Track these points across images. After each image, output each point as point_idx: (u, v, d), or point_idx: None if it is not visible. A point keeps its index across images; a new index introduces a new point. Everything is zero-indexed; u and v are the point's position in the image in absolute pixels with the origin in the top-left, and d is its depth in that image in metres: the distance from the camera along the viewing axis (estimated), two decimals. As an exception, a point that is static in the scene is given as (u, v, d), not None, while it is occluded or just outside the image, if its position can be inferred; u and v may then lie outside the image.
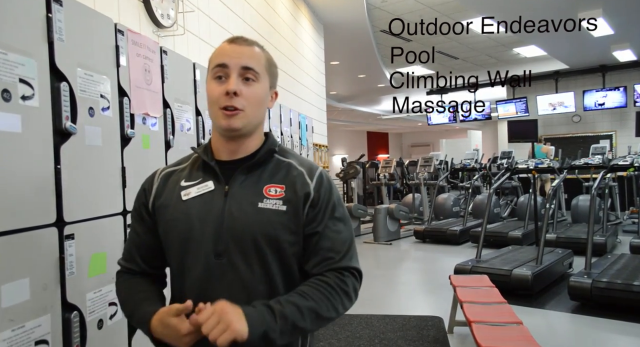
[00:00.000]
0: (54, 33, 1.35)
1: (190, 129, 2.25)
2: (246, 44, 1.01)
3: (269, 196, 0.99)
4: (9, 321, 1.17)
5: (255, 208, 0.98)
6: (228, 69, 0.97)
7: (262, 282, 0.97)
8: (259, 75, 1.00)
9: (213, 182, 1.01)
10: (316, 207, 1.01)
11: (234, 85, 0.96)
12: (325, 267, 0.99)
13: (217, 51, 1.02)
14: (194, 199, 1.00)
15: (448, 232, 6.98)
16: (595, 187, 4.53)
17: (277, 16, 5.18)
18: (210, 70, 1.01)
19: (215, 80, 0.99)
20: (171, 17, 2.78)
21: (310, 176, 1.03)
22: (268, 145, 1.05)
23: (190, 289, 0.99)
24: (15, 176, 1.21)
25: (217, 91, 0.97)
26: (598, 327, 3.50)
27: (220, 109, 0.97)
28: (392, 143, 23.68)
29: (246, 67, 0.98)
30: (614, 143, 10.62)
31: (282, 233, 0.98)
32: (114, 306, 1.59)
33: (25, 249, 1.23)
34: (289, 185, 1.01)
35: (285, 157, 1.07)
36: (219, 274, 0.97)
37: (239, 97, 0.96)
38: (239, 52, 0.99)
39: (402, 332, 3.31)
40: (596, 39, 7.53)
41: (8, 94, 1.19)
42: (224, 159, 1.04)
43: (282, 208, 0.98)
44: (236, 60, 0.98)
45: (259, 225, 0.97)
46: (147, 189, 1.08)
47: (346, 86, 12.30)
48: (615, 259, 4.51)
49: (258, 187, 1.00)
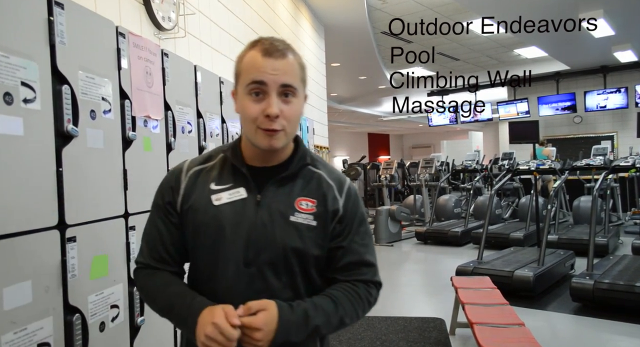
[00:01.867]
0: (56, 36, 1.36)
1: (191, 132, 2.25)
2: (281, 55, 0.95)
3: (301, 210, 1.00)
4: (11, 323, 1.17)
5: (286, 221, 0.99)
6: (266, 87, 0.94)
7: (288, 291, 0.99)
8: (297, 90, 0.97)
9: (245, 189, 1.00)
10: (343, 223, 1.03)
11: (276, 108, 0.93)
12: (351, 278, 1.03)
13: (249, 62, 0.96)
14: (225, 205, 0.99)
15: (449, 233, 6.97)
16: (597, 188, 4.53)
17: (277, 18, 5.18)
18: (245, 85, 0.95)
19: (250, 97, 0.95)
20: (172, 19, 2.78)
21: (340, 190, 1.05)
22: (300, 155, 1.05)
23: (219, 295, 0.98)
24: (17, 179, 1.21)
25: (254, 110, 0.94)
26: (600, 328, 3.49)
27: (259, 129, 0.95)
28: (393, 144, 23.68)
29: (285, 84, 0.94)
30: (615, 144, 10.61)
31: (311, 247, 1.00)
32: (116, 308, 1.59)
33: (27, 251, 1.24)
34: (320, 199, 1.02)
35: (316, 167, 1.06)
36: (248, 282, 0.98)
37: (280, 118, 0.94)
38: (277, 68, 0.94)
39: (403, 333, 3.31)
40: (597, 39, 7.53)
41: (10, 97, 1.19)
42: (255, 164, 1.03)
43: (312, 223, 1.00)
44: (274, 77, 0.93)
45: (289, 238, 0.98)
46: (174, 188, 1.04)
47: (347, 88, 12.31)
48: (617, 260, 4.50)
49: (290, 199, 1.00)
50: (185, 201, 1.02)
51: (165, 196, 1.05)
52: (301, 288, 1.01)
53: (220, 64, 3.53)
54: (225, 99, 2.68)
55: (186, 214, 1.02)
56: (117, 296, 1.60)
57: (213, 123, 2.51)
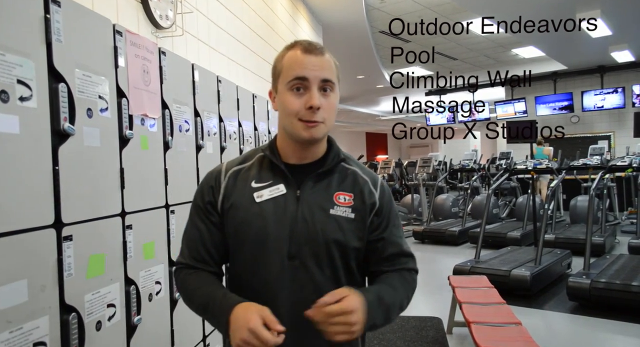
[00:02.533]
0: (52, 34, 1.35)
1: (189, 130, 2.25)
2: (320, 53, 1.02)
3: (339, 203, 1.05)
4: (7, 322, 1.16)
5: (326, 214, 1.04)
6: (308, 83, 1.00)
7: (331, 283, 1.03)
8: (334, 85, 1.04)
9: (284, 185, 1.05)
10: (380, 216, 1.09)
11: (318, 101, 0.99)
12: (396, 267, 1.10)
13: (291, 59, 1.02)
14: (267, 201, 1.04)
15: (447, 232, 6.98)
16: (594, 187, 4.54)
17: (275, 17, 5.18)
18: (287, 82, 1.01)
19: (292, 92, 1.01)
20: (170, 18, 2.78)
21: (374, 185, 1.11)
22: (334, 152, 1.10)
23: (264, 289, 1.02)
24: (13, 177, 1.21)
25: (296, 104, 1.00)
26: (597, 327, 3.51)
27: (300, 121, 1.00)
28: (391, 144, 23.70)
29: (325, 79, 1.01)
30: (612, 144, 10.64)
31: (351, 239, 1.05)
32: (112, 307, 1.58)
33: (24, 250, 1.23)
34: (357, 193, 1.07)
35: (349, 165, 1.12)
36: (292, 275, 1.02)
37: (320, 110, 1.00)
38: (317, 64, 1.01)
39: (401, 332, 3.31)
40: (594, 39, 7.55)
41: (6, 95, 1.18)
42: (292, 162, 1.08)
43: (350, 216, 1.05)
44: (315, 73, 1.00)
45: (331, 230, 1.03)
46: (214, 187, 1.09)
47: (345, 87, 12.30)
48: (614, 260, 4.52)
49: (328, 193, 1.06)
50: (227, 199, 1.06)
51: (205, 196, 1.09)
52: (343, 281, 1.05)
53: (218, 62, 3.53)
54: (223, 98, 2.67)
55: (227, 212, 1.06)
56: (114, 295, 1.60)
57: (210, 122, 2.50)
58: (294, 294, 1.00)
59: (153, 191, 1.92)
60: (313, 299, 0.96)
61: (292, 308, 1.00)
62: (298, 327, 0.97)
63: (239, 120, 2.93)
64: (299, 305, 0.97)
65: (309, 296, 0.98)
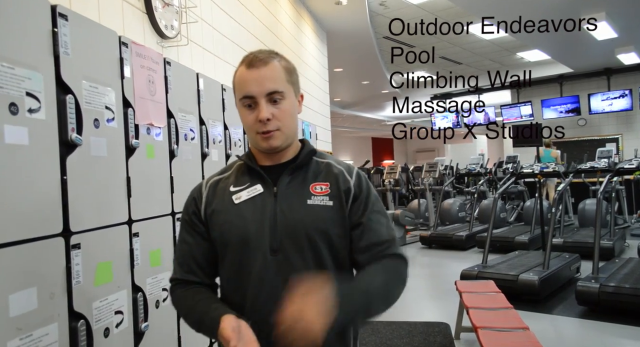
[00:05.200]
0: (60, 47, 1.38)
1: (194, 139, 2.27)
2: (263, 64, 1.03)
3: (316, 193, 1.07)
4: (17, 329, 1.18)
5: (304, 205, 1.05)
6: (255, 98, 1.03)
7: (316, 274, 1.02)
8: (284, 92, 1.05)
9: (261, 185, 1.09)
10: (357, 200, 1.09)
11: (265, 113, 1.02)
12: (374, 257, 1.07)
13: (238, 78, 1.06)
14: (245, 202, 1.07)
15: (454, 237, 6.95)
16: (602, 190, 4.51)
17: (280, 25, 5.22)
18: (238, 100, 1.06)
19: (245, 108, 1.05)
20: (175, 27, 2.82)
21: (350, 173, 1.12)
22: (306, 149, 1.13)
23: (249, 286, 1.04)
24: (22, 187, 1.24)
25: (250, 119, 1.04)
26: (606, 332, 3.47)
27: (257, 134, 1.04)
28: (397, 149, 23.66)
29: (270, 92, 1.03)
30: (620, 146, 10.56)
31: (332, 227, 1.06)
32: (120, 314, 1.60)
33: (33, 258, 1.25)
34: (332, 182, 1.09)
35: (323, 158, 1.15)
36: (276, 269, 1.03)
37: (272, 120, 1.03)
38: (260, 77, 1.02)
39: (408, 338, 3.30)
40: (600, 42, 7.52)
41: (15, 108, 1.21)
42: (267, 164, 1.11)
43: (329, 203, 1.06)
44: (259, 88, 1.02)
45: (310, 220, 1.04)
46: (197, 198, 1.13)
47: (350, 93, 12.34)
48: (623, 263, 4.47)
49: (304, 186, 1.08)
50: (208, 206, 1.10)
51: (189, 208, 1.13)
52: (330, 271, 1.05)
53: (223, 71, 3.56)
54: (228, 106, 2.70)
55: (210, 218, 1.09)
56: (121, 302, 1.62)
57: (215, 130, 2.53)
58: (278, 287, 1.00)
59: (159, 199, 1.94)
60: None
61: (277, 301, 0.98)
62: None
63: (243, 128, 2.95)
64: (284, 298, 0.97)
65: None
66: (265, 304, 1.02)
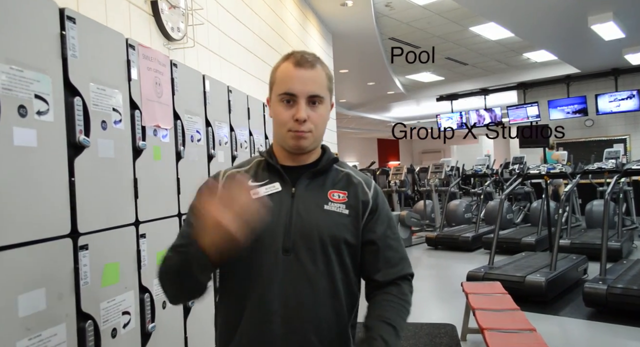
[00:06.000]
0: (68, 50, 1.39)
1: (200, 140, 2.29)
2: (311, 66, 1.06)
3: (334, 200, 1.09)
4: (26, 329, 1.19)
5: (321, 209, 1.07)
6: (296, 97, 1.05)
7: (324, 277, 1.05)
8: (323, 98, 1.08)
9: (280, 183, 1.09)
10: (374, 214, 1.11)
11: (304, 113, 1.04)
12: (391, 275, 1.11)
13: (282, 73, 1.07)
14: (262, 198, 1.07)
15: (460, 238, 6.93)
16: (609, 191, 4.48)
17: (285, 26, 5.23)
18: (277, 94, 1.07)
19: (282, 103, 1.06)
20: (181, 30, 2.83)
21: (368, 186, 1.14)
22: (328, 155, 1.16)
23: (257, 281, 1.04)
24: (31, 189, 1.25)
25: (285, 116, 1.06)
26: (614, 334, 3.45)
27: (289, 131, 1.06)
28: (403, 150, 23.62)
29: (312, 95, 1.05)
30: (628, 147, 10.48)
31: (346, 234, 1.07)
32: (127, 315, 1.61)
33: (41, 259, 1.27)
34: (350, 192, 1.11)
35: (343, 168, 1.17)
36: (286, 268, 1.04)
37: (307, 122, 1.05)
38: (306, 79, 1.05)
39: (414, 340, 3.30)
40: (607, 42, 7.48)
41: (24, 110, 1.23)
42: (288, 164, 1.12)
43: (345, 212, 1.08)
44: (304, 88, 1.04)
45: (325, 225, 1.06)
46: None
47: (356, 94, 12.34)
48: (631, 265, 4.45)
49: (323, 191, 1.10)
50: None
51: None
52: (337, 277, 1.06)
53: (229, 72, 3.58)
54: (234, 107, 2.71)
55: None
56: (129, 302, 1.63)
57: (222, 131, 2.54)
58: (286, 286, 1.02)
59: (166, 200, 1.95)
60: (305, 292, 1.02)
61: (284, 300, 1.03)
62: (290, 318, 1.02)
63: (249, 130, 2.96)
64: (291, 297, 1.02)
65: (302, 289, 1.03)
66: (271, 302, 1.02)
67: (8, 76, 1.18)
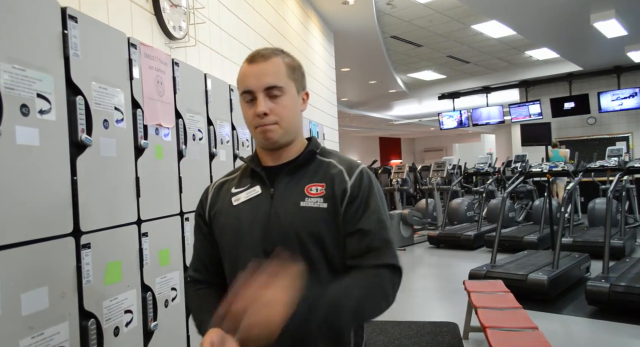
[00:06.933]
0: (70, 49, 1.40)
1: (202, 139, 2.29)
2: (264, 60, 1.04)
3: (311, 195, 1.05)
4: (29, 328, 1.20)
5: (297, 207, 1.04)
6: (254, 93, 1.04)
7: (308, 275, 0.98)
8: (283, 87, 1.04)
9: (260, 186, 1.09)
10: (354, 204, 1.03)
11: (262, 108, 1.02)
12: (363, 264, 1.00)
13: (241, 74, 1.07)
14: (243, 203, 1.09)
15: (462, 237, 6.93)
16: (612, 189, 4.47)
17: (287, 25, 5.23)
18: (240, 95, 1.07)
19: (246, 104, 1.06)
20: (183, 28, 2.83)
21: (350, 173, 1.07)
22: (309, 148, 1.12)
23: None
24: (34, 188, 1.25)
25: (249, 114, 1.06)
26: (616, 332, 3.44)
27: (256, 128, 1.05)
28: (405, 148, 23.61)
29: (268, 87, 1.03)
30: (630, 145, 10.45)
31: (324, 230, 1.02)
32: (130, 313, 1.62)
33: (44, 258, 1.27)
34: (328, 183, 1.05)
35: (326, 157, 1.13)
36: None
37: (270, 115, 1.03)
38: (259, 72, 1.03)
39: (416, 338, 3.30)
40: (609, 40, 7.45)
41: (27, 109, 1.23)
42: (270, 164, 1.11)
43: (322, 205, 1.03)
44: (258, 82, 1.03)
45: (301, 223, 1.02)
46: (203, 201, 1.17)
47: (357, 92, 12.32)
48: (634, 263, 4.43)
49: (300, 187, 1.06)
50: (212, 208, 1.13)
51: (197, 211, 1.17)
52: (322, 274, 1.02)
53: (230, 71, 3.58)
54: (235, 106, 2.71)
55: (213, 219, 1.12)
56: (131, 301, 1.63)
57: (223, 130, 2.54)
58: None
59: (168, 199, 1.95)
60: None
61: None
62: None
63: (251, 128, 2.96)
64: None
65: None
66: None
67: (10, 75, 1.19)
